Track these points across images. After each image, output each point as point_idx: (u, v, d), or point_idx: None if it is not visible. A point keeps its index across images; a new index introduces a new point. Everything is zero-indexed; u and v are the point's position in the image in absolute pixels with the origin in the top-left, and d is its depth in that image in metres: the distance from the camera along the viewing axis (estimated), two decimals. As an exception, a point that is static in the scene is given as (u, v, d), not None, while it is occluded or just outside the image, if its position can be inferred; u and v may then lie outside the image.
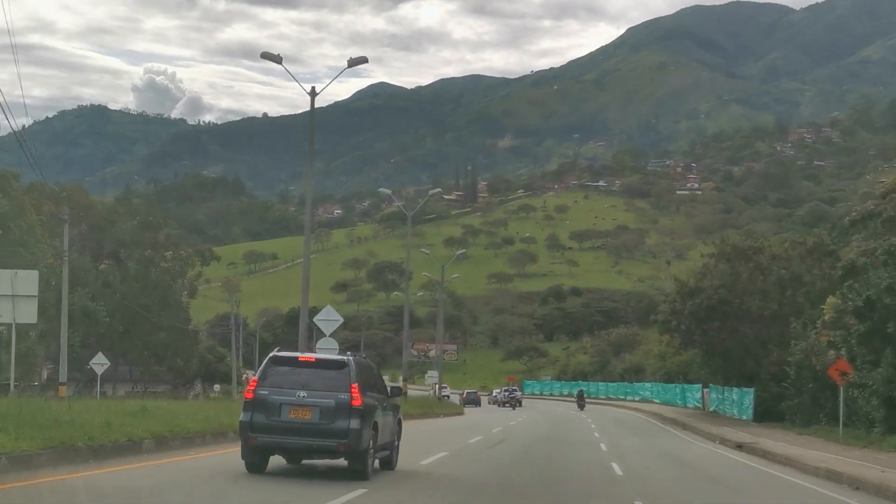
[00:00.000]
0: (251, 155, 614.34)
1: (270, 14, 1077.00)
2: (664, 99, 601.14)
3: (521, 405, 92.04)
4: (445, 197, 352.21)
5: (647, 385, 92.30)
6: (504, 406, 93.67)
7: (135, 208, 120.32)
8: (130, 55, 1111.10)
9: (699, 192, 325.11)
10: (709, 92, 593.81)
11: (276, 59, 38.41)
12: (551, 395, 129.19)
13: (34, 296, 33.14)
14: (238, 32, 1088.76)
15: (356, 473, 18.85)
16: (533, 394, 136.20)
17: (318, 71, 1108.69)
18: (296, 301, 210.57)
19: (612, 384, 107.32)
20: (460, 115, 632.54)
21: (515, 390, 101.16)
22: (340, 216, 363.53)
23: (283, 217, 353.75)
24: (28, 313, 32.99)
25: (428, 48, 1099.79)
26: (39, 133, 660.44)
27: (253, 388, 18.81)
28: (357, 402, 18.41)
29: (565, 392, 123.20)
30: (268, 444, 18.58)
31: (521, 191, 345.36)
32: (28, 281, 33.08)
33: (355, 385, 18.58)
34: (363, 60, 39.26)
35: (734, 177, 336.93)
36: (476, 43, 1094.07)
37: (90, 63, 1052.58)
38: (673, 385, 79.70)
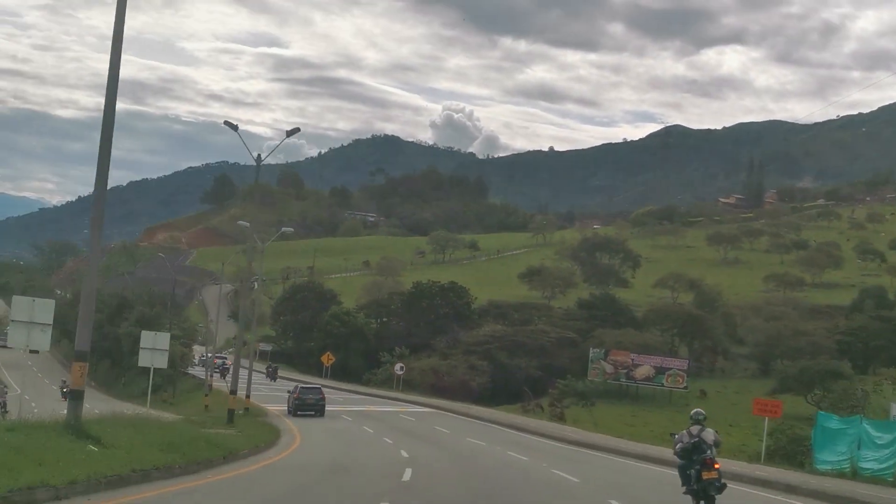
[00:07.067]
0: (532, 187, 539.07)
1: (570, 56, 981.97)
2: None
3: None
4: (722, 200, 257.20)
5: None
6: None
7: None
8: (431, 92, 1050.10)
9: None
10: None
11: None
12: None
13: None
14: (537, 74, 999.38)
15: (320, 415, 55.94)
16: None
17: (614, 115, 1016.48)
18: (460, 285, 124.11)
19: None
20: (757, 156, 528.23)
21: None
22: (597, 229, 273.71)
23: (524, 221, 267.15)
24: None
25: (728, 95, 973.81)
26: (333, 160, 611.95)
27: (297, 394, 58.14)
28: (322, 398, 57.89)
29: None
30: (300, 407, 56.73)
31: (822, 200, 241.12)
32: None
33: (322, 394, 58.67)
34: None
35: None
36: (779, 92, 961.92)
37: (393, 99, 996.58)
38: None
